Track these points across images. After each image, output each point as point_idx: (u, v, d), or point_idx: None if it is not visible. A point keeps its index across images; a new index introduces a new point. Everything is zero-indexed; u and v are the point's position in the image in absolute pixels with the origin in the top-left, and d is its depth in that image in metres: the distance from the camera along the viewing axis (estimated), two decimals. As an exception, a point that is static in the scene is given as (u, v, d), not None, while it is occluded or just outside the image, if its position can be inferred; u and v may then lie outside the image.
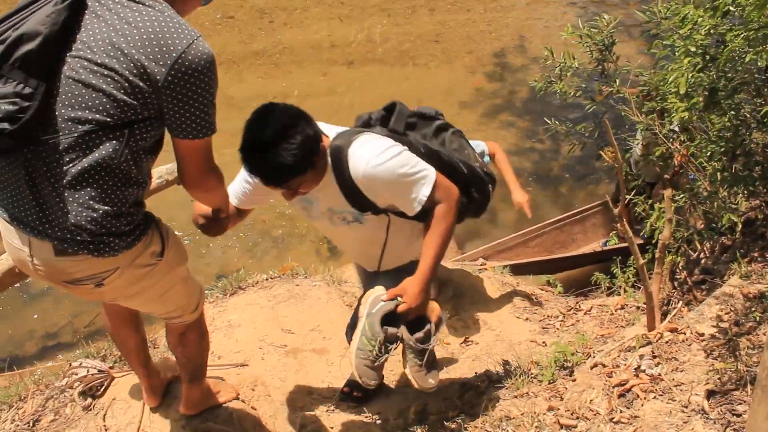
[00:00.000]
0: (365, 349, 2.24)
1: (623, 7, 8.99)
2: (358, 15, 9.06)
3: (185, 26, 1.75)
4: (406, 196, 2.23)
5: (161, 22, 1.71)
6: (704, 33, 3.16)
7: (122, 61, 1.68)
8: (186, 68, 1.71)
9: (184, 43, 1.71)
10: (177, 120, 1.77)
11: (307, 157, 2.07)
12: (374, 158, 2.16)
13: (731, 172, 3.44)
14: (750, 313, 2.69)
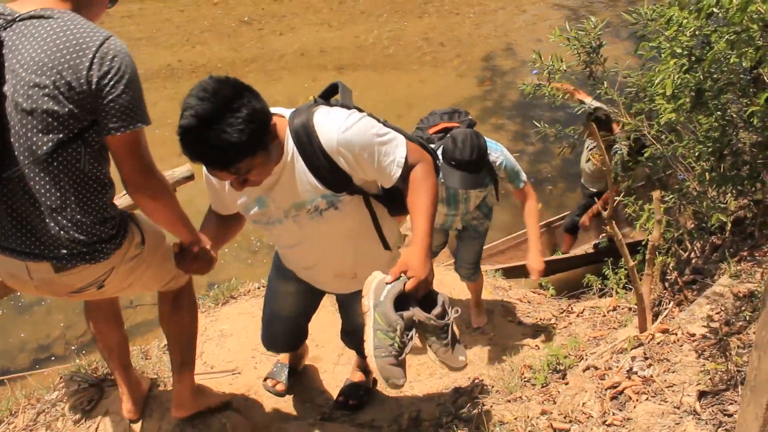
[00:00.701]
0: (384, 345, 1.95)
1: (612, 8, 9.04)
2: (347, 21, 9.09)
3: (95, 28, 1.82)
4: (384, 159, 2.00)
5: (71, 29, 1.78)
6: (689, 34, 3.17)
7: (49, 76, 1.75)
8: (102, 67, 1.77)
9: (96, 43, 1.78)
10: (106, 117, 1.81)
11: (257, 134, 1.77)
12: (344, 122, 1.95)
13: (719, 171, 3.46)
14: (740, 313, 2.70)
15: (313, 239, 2.18)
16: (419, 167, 2.07)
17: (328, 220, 2.09)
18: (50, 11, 1.81)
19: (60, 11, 1.82)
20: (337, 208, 2.06)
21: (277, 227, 2.16)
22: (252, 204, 2.11)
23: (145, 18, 8.98)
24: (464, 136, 3.11)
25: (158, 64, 7.76)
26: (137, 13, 9.10)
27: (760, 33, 2.77)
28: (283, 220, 2.11)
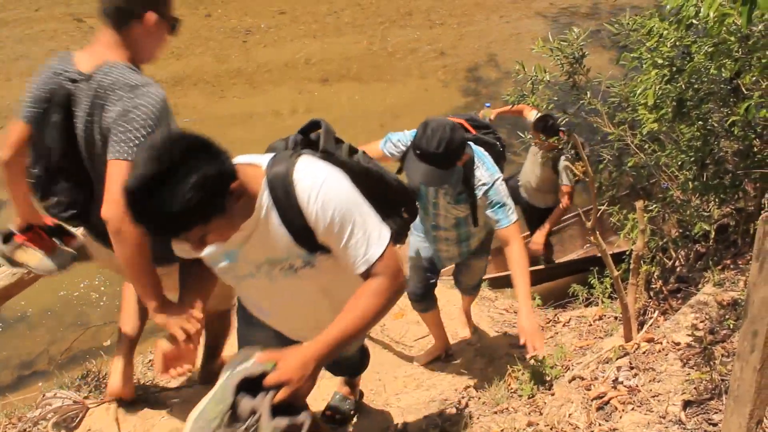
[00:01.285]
0: (208, 417, 1.64)
1: (595, 18, 9.11)
2: (332, 33, 9.10)
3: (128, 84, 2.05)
4: (355, 243, 1.74)
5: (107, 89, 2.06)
6: (670, 45, 3.21)
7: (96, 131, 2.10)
8: None
9: None
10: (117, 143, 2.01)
11: (207, 203, 1.54)
12: (328, 179, 1.73)
13: (702, 180, 3.48)
14: (724, 321, 2.72)
15: (286, 294, 1.94)
16: (380, 281, 1.75)
17: (304, 277, 1.85)
18: (95, 73, 2.04)
19: (102, 71, 2.04)
20: (313, 266, 1.83)
21: (248, 281, 1.92)
22: (220, 258, 1.88)
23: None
24: (437, 124, 2.74)
25: (143, 77, 7.72)
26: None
27: (738, 45, 2.80)
28: (255, 275, 1.88)
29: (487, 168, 2.90)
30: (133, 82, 2.01)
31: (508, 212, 2.90)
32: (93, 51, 2.10)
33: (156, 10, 2.11)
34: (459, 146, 2.75)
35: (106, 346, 4.80)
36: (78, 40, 8.80)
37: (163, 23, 2.16)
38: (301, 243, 1.77)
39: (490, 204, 2.89)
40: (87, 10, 9.43)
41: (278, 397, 1.61)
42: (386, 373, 3.59)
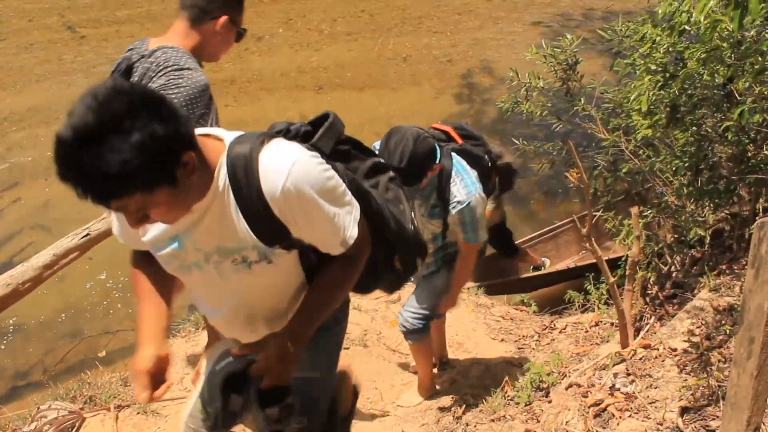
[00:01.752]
0: (198, 416, 1.67)
1: (588, 24, 9.15)
2: (326, 41, 9.11)
3: (179, 64, 2.17)
4: (330, 231, 1.59)
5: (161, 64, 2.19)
6: (663, 51, 3.22)
7: None
8: None
9: None
10: None
11: (151, 167, 1.31)
12: (299, 165, 1.50)
13: (697, 186, 3.49)
14: (720, 326, 2.71)
15: (236, 293, 1.70)
16: (351, 252, 1.65)
17: (258, 274, 1.62)
18: (157, 50, 2.20)
19: (163, 49, 2.19)
20: (270, 262, 1.61)
21: (194, 273, 1.66)
22: (164, 243, 1.63)
23: (121, 40, 8.95)
24: (400, 136, 2.57)
25: (137, 86, 7.70)
26: (114, 36, 9.08)
27: (730, 50, 2.81)
28: (203, 266, 1.63)
29: (465, 185, 2.71)
30: (183, 65, 2.15)
31: (476, 232, 2.81)
32: (164, 37, 2.27)
33: (230, 16, 2.27)
34: (424, 159, 2.58)
35: (102, 357, 4.78)
36: (71, 49, 8.79)
37: (233, 30, 2.31)
38: (258, 233, 1.55)
39: (463, 224, 2.79)
40: (80, 20, 9.44)
41: (264, 386, 1.57)
42: (383, 381, 3.58)
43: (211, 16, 2.24)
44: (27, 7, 9.71)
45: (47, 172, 6.70)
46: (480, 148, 2.92)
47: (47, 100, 7.71)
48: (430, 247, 2.96)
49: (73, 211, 6.08)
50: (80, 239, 4.43)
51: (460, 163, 2.76)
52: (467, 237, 2.82)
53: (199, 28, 2.25)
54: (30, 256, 4.48)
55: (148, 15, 9.60)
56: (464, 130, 2.98)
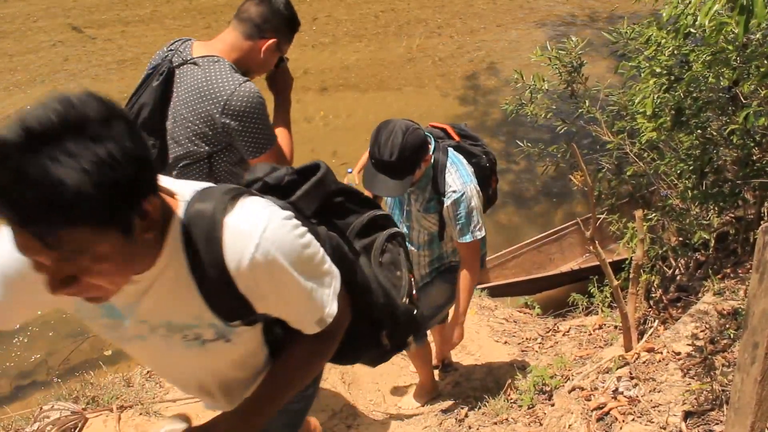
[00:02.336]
0: None
1: (592, 26, 9.14)
2: (331, 41, 9.12)
3: (230, 78, 2.17)
4: (308, 301, 1.33)
5: (210, 79, 2.18)
6: (668, 54, 3.21)
7: (194, 112, 2.20)
8: (234, 110, 2.14)
9: (228, 92, 2.14)
10: (244, 147, 2.22)
11: (115, 193, 1.00)
12: (270, 231, 1.22)
13: (701, 189, 3.48)
14: (724, 331, 2.71)
15: (186, 365, 1.46)
16: (326, 334, 1.41)
17: (213, 352, 1.37)
18: (203, 60, 2.21)
19: (209, 59, 2.22)
20: (228, 341, 1.35)
21: (136, 343, 1.38)
22: (95, 311, 1.33)
23: (127, 41, 8.98)
24: (389, 129, 2.48)
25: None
26: (119, 37, 9.10)
27: (736, 54, 2.80)
28: (147, 337, 1.35)
29: (460, 175, 2.59)
30: (237, 80, 2.18)
31: (473, 227, 2.61)
32: (210, 44, 2.29)
33: (278, 40, 2.32)
34: (415, 151, 2.47)
35: (106, 356, 4.80)
36: (77, 49, 8.81)
37: (276, 54, 2.36)
38: (217, 310, 1.28)
39: (458, 216, 2.60)
40: (85, 21, 9.46)
41: None
42: (386, 383, 3.58)
43: (262, 35, 2.27)
44: (32, 8, 9.73)
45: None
46: (478, 148, 2.78)
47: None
48: (425, 253, 2.85)
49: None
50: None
51: (456, 156, 2.64)
52: (462, 234, 2.62)
53: (247, 44, 2.27)
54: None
55: (154, 16, 9.62)
56: (463, 130, 2.86)
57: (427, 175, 2.62)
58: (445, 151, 2.63)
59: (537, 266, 5.54)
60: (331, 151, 6.93)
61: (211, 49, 2.26)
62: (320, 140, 7.15)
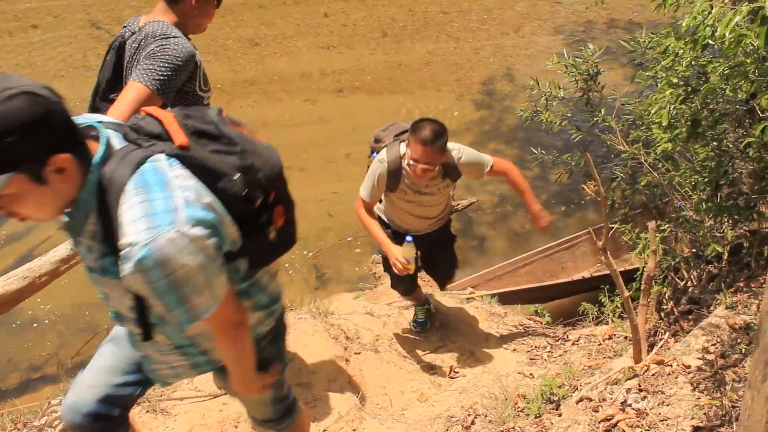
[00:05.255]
0: None
1: (610, 34, 9.09)
2: (347, 44, 9.12)
3: (166, 28, 2.38)
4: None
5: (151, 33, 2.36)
6: (685, 65, 3.19)
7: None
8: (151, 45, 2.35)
9: (159, 33, 2.39)
10: (137, 69, 2.34)
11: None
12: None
13: (716, 201, 3.45)
14: (736, 345, 2.68)
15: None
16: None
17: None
18: (145, 25, 2.39)
19: (151, 23, 2.38)
20: None
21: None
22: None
23: (146, 38, 9.05)
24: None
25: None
26: (139, 33, 9.18)
27: (754, 66, 2.77)
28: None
29: (150, 212, 1.36)
30: (169, 33, 2.34)
31: (187, 312, 1.48)
32: (150, 14, 2.47)
33: None
34: None
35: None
36: (95, 45, 8.87)
37: (208, 1, 2.52)
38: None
39: (152, 291, 1.42)
40: (105, 18, 9.53)
41: None
42: (393, 388, 3.57)
43: None
44: (53, 4, 9.82)
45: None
46: (232, 158, 1.60)
47: (70, 96, 7.68)
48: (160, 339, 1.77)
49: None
50: (97, 235, 4.46)
51: (158, 172, 1.43)
52: (170, 326, 1.69)
53: (176, 8, 2.44)
54: (47, 250, 4.53)
55: (172, 14, 9.67)
56: (205, 122, 1.62)
57: (85, 204, 1.44)
58: (134, 162, 1.44)
59: (549, 274, 5.51)
60: (345, 153, 6.94)
61: (151, 17, 2.45)
62: (334, 141, 7.16)
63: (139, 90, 2.25)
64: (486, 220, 6.22)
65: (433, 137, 2.99)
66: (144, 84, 2.26)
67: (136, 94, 2.24)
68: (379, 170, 3.26)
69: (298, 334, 3.57)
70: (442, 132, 3.04)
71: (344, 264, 5.80)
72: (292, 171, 6.83)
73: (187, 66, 2.37)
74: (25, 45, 8.92)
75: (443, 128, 3.06)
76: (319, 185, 6.57)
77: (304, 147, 7.03)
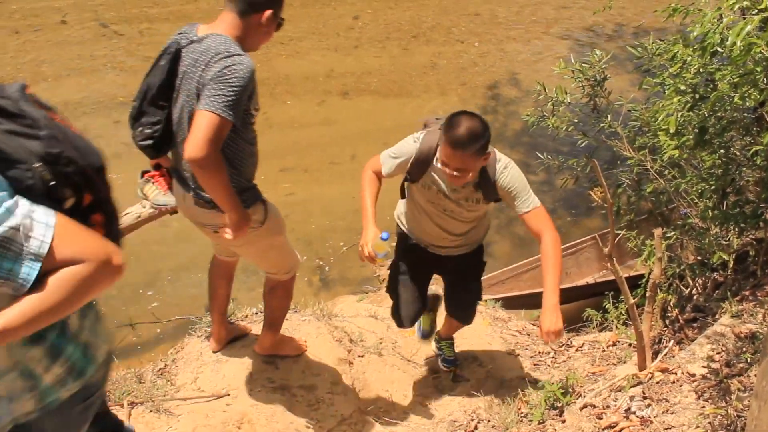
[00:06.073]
0: None
1: (617, 40, 9.09)
2: (353, 46, 9.14)
3: (230, 47, 2.34)
4: None
5: (211, 47, 2.35)
6: (693, 72, 3.19)
7: (193, 81, 2.38)
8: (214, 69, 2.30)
9: (222, 55, 2.31)
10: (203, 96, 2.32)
11: None
12: None
13: (722, 209, 3.45)
14: (741, 354, 2.67)
15: None
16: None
17: None
18: (206, 37, 2.38)
19: (212, 36, 2.38)
20: None
21: None
22: None
23: (152, 38, 9.05)
24: None
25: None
26: (145, 33, 9.18)
27: (763, 75, 2.77)
28: None
29: None
30: (233, 51, 2.33)
31: None
32: (212, 25, 2.46)
33: (274, 10, 2.46)
34: None
35: (119, 350, 4.82)
36: (103, 45, 8.90)
37: (274, 21, 2.50)
38: None
39: None
40: (112, 17, 9.55)
41: None
42: (396, 392, 3.57)
43: (257, 11, 2.42)
44: (62, 3, 9.84)
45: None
46: (31, 143, 1.37)
47: (78, 95, 7.81)
48: None
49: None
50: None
51: None
52: None
53: (245, 20, 2.42)
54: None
55: (180, 13, 9.69)
56: None
57: None
58: None
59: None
60: (350, 154, 6.95)
61: (214, 29, 2.43)
62: (339, 143, 7.17)
63: (210, 120, 2.27)
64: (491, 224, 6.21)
65: (466, 139, 2.47)
66: (214, 113, 2.27)
67: (210, 125, 2.27)
68: (408, 151, 2.78)
69: (302, 335, 3.57)
70: (481, 132, 2.50)
71: (348, 266, 5.80)
72: (297, 172, 6.86)
73: (251, 84, 2.38)
74: (32, 43, 8.94)
75: (483, 127, 2.52)
76: (324, 186, 6.58)
77: (309, 148, 7.05)
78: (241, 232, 2.58)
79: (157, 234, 5.41)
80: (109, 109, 7.46)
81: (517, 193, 2.74)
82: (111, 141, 6.69)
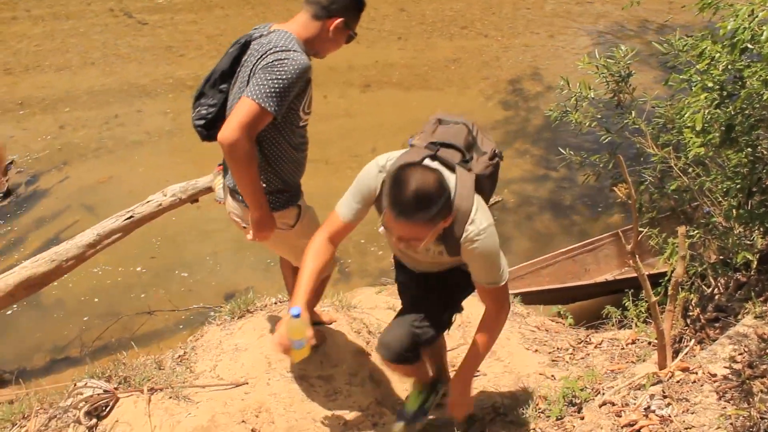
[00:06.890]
0: None
1: (641, 36, 9.00)
2: (375, 39, 9.13)
3: (289, 42, 2.38)
4: None
5: (271, 41, 2.40)
6: (722, 69, 3.14)
7: (248, 70, 2.42)
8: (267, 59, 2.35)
9: (278, 48, 2.35)
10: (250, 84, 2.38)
11: None
12: None
13: (747, 208, 3.40)
14: (764, 355, 2.64)
15: None
16: None
17: None
18: (273, 32, 2.45)
19: (279, 32, 2.43)
20: None
21: None
22: None
23: (175, 27, 9.10)
24: None
25: (184, 74, 7.85)
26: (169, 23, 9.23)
27: (795, 72, 2.73)
28: None
29: None
30: (290, 47, 2.35)
31: None
32: (285, 23, 2.51)
33: (346, 19, 2.48)
34: None
35: (138, 336, 4.88)
36: (127, 35, 8.96)
37: (345, 32, 2.53)
38: None
39: None
40: (137, 8, 9.61)
41: None
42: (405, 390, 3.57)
43: (329, 15, 2.45)
44: (86, -8, 9.93)
45: (96, 153, 6.85)
46: None
47: (101, 84, 7.88)
48: None
49: (119, 193, 6.21)
50: (123, 221, 4.53)
51: None
52: None
53: (317, 23, 2.46)
54: (74, 234, 4.59)
55: (204, 4, 9.73)
56: None
57: None
58: None
59: (572, 276, 5.48)
60: (370, 147, 6.95)
61: (284, 26, 2.48)
62: (360, 136, 7.17)
63: (249, 107, 2.30)
64: (510, 219, 6.19)
65: (413, 204, 1.89)
66: (255, 101, 2.30)
67: (247, 111, 2.30)
68: (371, 186, 2.29)
69: (320, 326, 3.58)
70: (435, 196, 1.91)
71: (367, 258, 5.81)
72: (317, 164, 6.86)
73: (299, 80, 2.37)
74: (58, 32, 9.03)
75: (438, 188, 1.92)
76: (344, 179, 6.55)
77: (330, 141, 7.06)
78: (262, 233, 2.60)
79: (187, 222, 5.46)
80: (132, 98, 7.52)
81: (482, 267, 2.25)
82: (133, 129, 6.76)
